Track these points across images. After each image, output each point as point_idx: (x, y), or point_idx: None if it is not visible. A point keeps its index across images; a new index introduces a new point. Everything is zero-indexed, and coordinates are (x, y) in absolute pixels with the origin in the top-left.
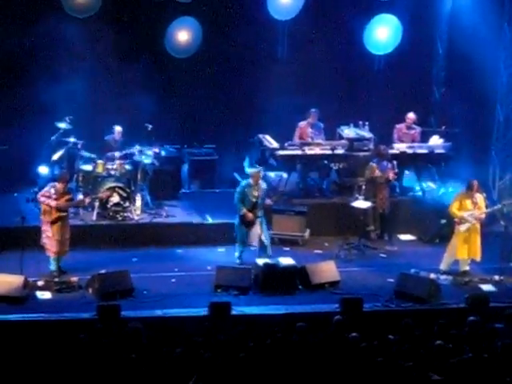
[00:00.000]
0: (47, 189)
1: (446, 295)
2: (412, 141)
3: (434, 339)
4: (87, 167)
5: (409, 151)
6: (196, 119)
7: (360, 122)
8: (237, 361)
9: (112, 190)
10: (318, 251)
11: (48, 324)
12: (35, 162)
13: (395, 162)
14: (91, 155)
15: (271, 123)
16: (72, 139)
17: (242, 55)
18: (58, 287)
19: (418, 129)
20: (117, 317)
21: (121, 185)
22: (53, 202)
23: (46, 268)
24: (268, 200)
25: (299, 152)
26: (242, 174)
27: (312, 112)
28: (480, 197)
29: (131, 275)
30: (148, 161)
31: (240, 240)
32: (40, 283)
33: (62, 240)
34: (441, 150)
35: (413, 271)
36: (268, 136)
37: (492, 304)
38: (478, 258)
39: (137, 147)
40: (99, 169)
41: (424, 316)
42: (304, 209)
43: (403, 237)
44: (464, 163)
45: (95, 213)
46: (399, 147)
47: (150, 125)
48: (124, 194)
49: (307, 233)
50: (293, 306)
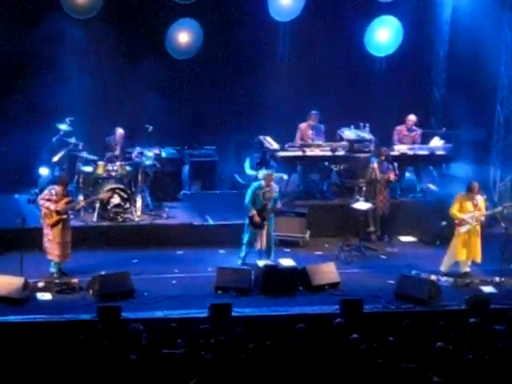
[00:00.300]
0: (47, 192)
1: (447, 297)
2: (412, 143)
3: (435, 341)
4: (88, 168)
5: (409, 153)
6: (197, 120)
7: (361, 124)
8: (237, 362)
9: (112, 192)
10: (319, 252)
11: (48, 325)
12: (36, 164)
13: (396, 164)
14: (92, 157)
15: (272, 124)
16: (73, 140)
17: (243, 57)
18: (59, 288)
19: (419, 131)
20: (117, 318)
21: (121, 186)
22: (52, 206)
23: (47, 269)
24: (279, 203)
25: (300, 153)
26: (243, 176)
27: (313, 114)
28: (480, 198)
29: (132, 276)
30: (149, 162)
31: (248, 241)
32: (40, 284)
33: (64, 243)
34: (441, 152)
35: (413, 273)
36: (269, 137)
37: (492, 306)
38: (479, 260)
39: (137, 149)
40: (100, 170)
41: (424, 318)
42: (304, 210)
43: (404, 238)
44: (464, 165)
45: (96, 214)
46: (400, 149)
47: (151, 126)
48: (125, 196)
49: (307, 234)
50: (293, 308)
